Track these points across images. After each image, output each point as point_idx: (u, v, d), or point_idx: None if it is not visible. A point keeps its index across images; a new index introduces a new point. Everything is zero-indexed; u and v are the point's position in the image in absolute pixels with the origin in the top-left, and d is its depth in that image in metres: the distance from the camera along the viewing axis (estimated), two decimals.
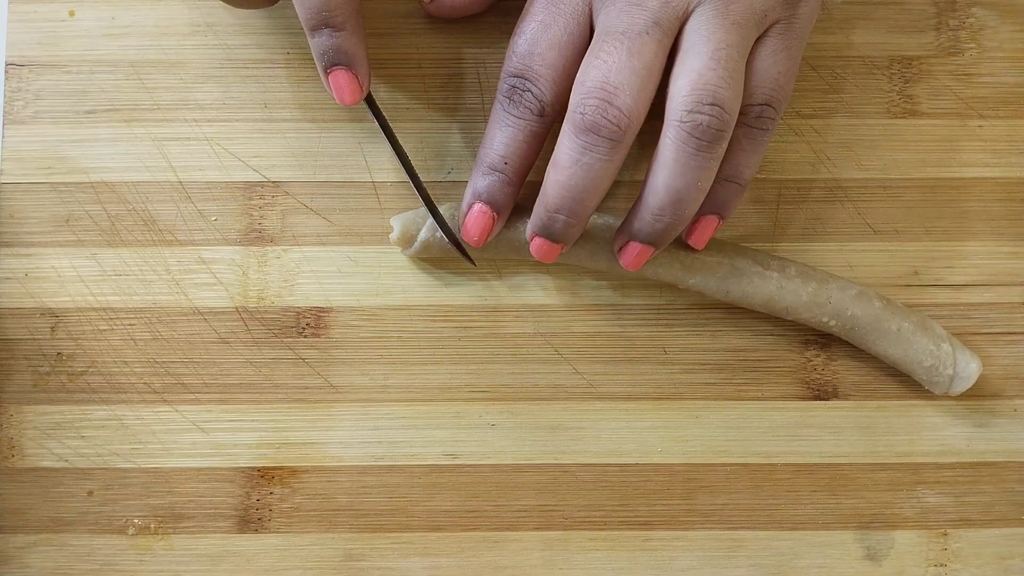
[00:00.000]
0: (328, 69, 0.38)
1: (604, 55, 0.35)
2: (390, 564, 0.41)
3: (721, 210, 0.38)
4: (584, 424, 0.42)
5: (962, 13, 0.43)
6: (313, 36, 0.37)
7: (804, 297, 0.40)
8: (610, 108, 0.35)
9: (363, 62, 0.38)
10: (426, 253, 0.41)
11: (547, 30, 0.37)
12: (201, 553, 0.41)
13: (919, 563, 0.42)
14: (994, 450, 0.42)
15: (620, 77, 0.35)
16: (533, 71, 0.37)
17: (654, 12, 0.36)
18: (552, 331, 0.42)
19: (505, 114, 0.38)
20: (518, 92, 0.37)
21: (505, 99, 0.38)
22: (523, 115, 0.37)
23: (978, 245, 0.42)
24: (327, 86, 0.38)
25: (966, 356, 0.40)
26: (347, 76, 0.38)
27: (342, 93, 0.38)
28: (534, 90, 0.37)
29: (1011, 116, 0.43)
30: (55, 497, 0.41)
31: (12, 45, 0.42)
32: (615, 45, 0.35)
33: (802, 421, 0.42)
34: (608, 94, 0.35)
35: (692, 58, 0.35)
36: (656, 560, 0.42)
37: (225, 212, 0.42)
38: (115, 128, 0.42)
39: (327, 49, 0.37)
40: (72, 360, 0.41)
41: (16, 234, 0.42)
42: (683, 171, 0.36)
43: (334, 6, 0.37)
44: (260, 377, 0.42)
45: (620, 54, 0.35)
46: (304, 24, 0.37)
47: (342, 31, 0.37)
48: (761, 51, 0.37)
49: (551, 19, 0.37)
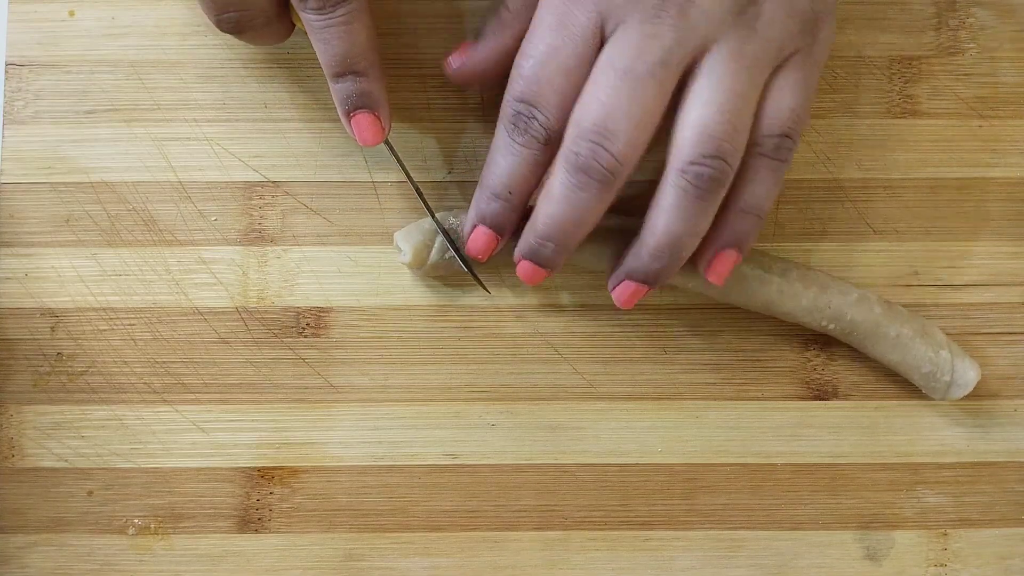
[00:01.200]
0: (351, 113, 0.38)
1: (603, 95, 0.35)
2: (390, 564, 0.41)
3: (740, 244, 0.38)
4: (584, 424, 0.42)
5: (962, 13, 0.43)
6: (336, 82, 0.37)
7: (804, 302, 0.40)
8: (604, 153, 0.35)
9: (385, 104, 0.38)
10: (434, 273, 0.41)
11: (556, 54, 0.36)
12: (201, 553, 0.41)
13: (919, 563, 0.42)
14: (994, 450, 0.42)
15: (617, 123, 0.34)
16: (541, 96, 0.36)
17: (665, 50, 0.34)
18: (552, 331, 0.42)
19: (510, 141, 0.37)
20: (524, 118, 0.36)
21: (510, 124, 0.37)
22: (528, 144, 0.36)
23: (978, 245, 0.42)
24: (349, 129, 0.38)
25: (965, 364, 0.40)
26: (370, 119, 0.38)
27: (365, 135, 0.38)
28: (540, 117, 0.36)
29: (1011, 116, 0.43)
30: (55, 497, 0.41)
31: (12, 45, 0.42)
32: (616, 85, 0.34)
33: (802, 421, 0.42)
34: (603, 138, 0.35)
35: (700, 107, 0.35)
36: (656, 560, 0.42)
37: (225, 212, 0.42)
38: (115, 128, 0.42)
39: (350, 94, 0.37)
40: (72, 360, 0.41)
41: (16, 234, 0.42)
42: (682, 217, 0.36)
43: (358, 53, 0.37)
44: (260, 377, 0.42)
45: (621, 97, 0.34)
46: (327, 70, 0.37)
47: (365, 76, 0.37)
48: (779, 82, 0.36)
49: (560, 42, 0.36)
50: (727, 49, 0.35)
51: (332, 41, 0.36)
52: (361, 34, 0.37)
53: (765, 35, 0.35)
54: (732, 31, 0.35)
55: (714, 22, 0.35)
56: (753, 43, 0.35)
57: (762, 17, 0.35)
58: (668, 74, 0.35)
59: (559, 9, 0.36)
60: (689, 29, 0.34)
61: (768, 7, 0.35)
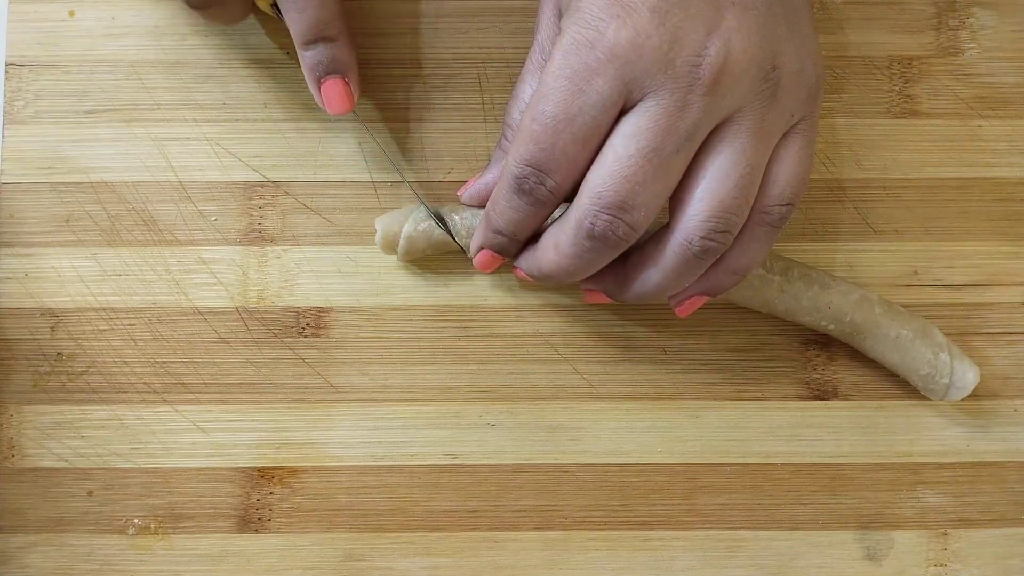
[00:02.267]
0: (321, 79, 0.38)
1: (628, 171, 0.33)
2: (390, 564, 0.41)
3: (717, 292, 0.38)
4: (584, 424, 0.42)
5: (962, 13, 0.43)
6: (307, 50, 0.38)
7: (804, 301, 0.40)
8: (622, 225, 0.34)
9: (355, 71, 0.39)
10: (415, 250, 0.41)
11: (571, 123, 0.33)
12: (201, 553, 0.41)
13: (919, 563, 0.42)
14: (994, 450, 0.42)
15: (638, 197, 0.33)
16: (552, 163, 0.34)
17: (693, 124, 0.33)
18: (552, 331, 0.42)
19: (516, 199, 0.36)
20: (531, 183, 0.35)
21: (515, 184, 0.35)
22: (535, 204, 0.36)
23: (978, 245, 0.42)
24: (318, 98, 0.39)
25: (964, 366, 0.40)
26: (341, 84, 0.38)
27: (334, 103, 0.39)
28: (549, 183, 0.35)
29: (1011, 116, 0.43)
30: (55, 497, 0.41)
31: (12, 45, 0.42)
32: (642, 164, 0.33)
33: (802, 421, 0.42)
34: (623, 212, 0.34)
35: (717, 180, 0.34)
36: (656, 560, 0.42)
37: (225, 212, 0.42)
38: (115, 128, 0.42)
39: (321, 60, 0.38)
40: (72, 360, 0.41)
41: (16, 234, 0.42)
42: (678, 278, 0.36)
43: (330, 20, 0.37)
44: (260, 377, 0.42)
45: (646, 175, 0.33)
46: (298, 39, 0.38)
47: (335, 42, 0.38)
48: (787, 151, 0.35)
49: (576, 110, 0.33)
50: (750, 120, 0.34)
51: (307, 9, 0.37)
52: (331, 1, 0.37)
53: (782, 105, 0.35)
54: (755, 101, 0.34)
55: (741, 92, 0.34)
56: (772, 113, 0.34)
57: (780, 87, 0.34)
58: (693, 146, 0.34)
59: (578, 73, 0.33)
60: (718, 99, 0.33)
61: (785, 77, 0.34)
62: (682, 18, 0.33)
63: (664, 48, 0.33)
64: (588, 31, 0.33)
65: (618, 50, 0.33)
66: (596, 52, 0.33)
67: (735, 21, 0.33)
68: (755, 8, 0.34)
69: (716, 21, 0.33)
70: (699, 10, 0.33)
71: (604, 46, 0.33)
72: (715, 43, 0.33)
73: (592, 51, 0.33)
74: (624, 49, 0.33)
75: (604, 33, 0.33)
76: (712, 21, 0.33)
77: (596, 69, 0.33)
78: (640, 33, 0.33)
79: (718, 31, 0.33)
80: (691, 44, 0.33)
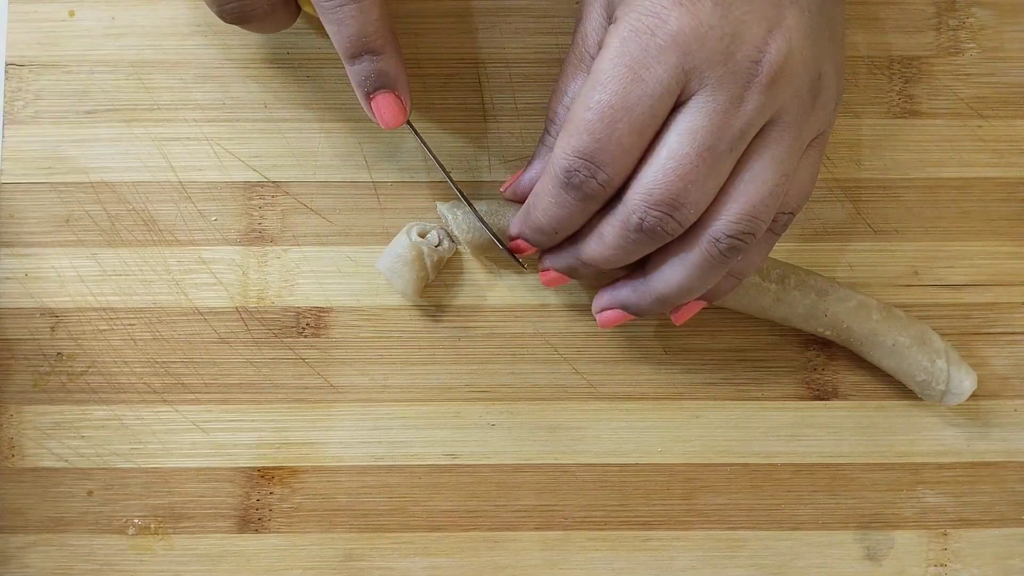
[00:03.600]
0: (371, 95, 0.37)
1: (681, 169, 0.33)
2: (390, 564, 0.41)
3: (712, 297, 0.38)
4: (584, 424, 0.42)
5: (962, 13, 0.43)
6: (353, 64, 0.36)
7: (800, 310, 0.40)
8: (672, 221, 0.33)
9: (405, 83, 0.37)
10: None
11: (628, 112, 0.32)
12: (201, 553, 0.41)
13: (919, 563, 0.42)
14: (994, 450, 0.42)
15: (689, 196, 0.33)
16: (605, 155, 0.33)
17: (746, 122, 0.33)
18: (552, 331, 0.42)
19: (562, 193, 0.35)
20: (581, 176, 0.34)
21: (563, 177, 0.34)
22: (581, 199, 0.34)
23: (978, 245, 0.42)
24: (369, 112, 0.37)
25: (961, 373, 0.40)
26: (391, 99, 0.37)
27: (386, 117, 0.37)
28: (601, 176, 0.34)
29: (1011, 116, 0.43)
30: (55, 497, 0.41)
31: (12, 45, 0.42)
32: (696, 163, 0.33)
33: (802, 421, 0.42)
34: (674, 210, 0.33)
35: (754, 184, 0.34)
36: (656, 560, 0.42)
37: (225, 212, 0.42)
38: (115, 128, 0.42)
39: (369, 75, 0.36)
40: (72, 360, 0.41)
41: (16, 234, 0.42)
42: (701, 278, 0.35)
43: (373, 32, 0.35)
44: (260, 377, 0.42)
45: (699, 174, 0.33)
46: (342, 53, 0.36)
47: (382, 55, 0.36)
48: (803, 162, 0.35)
49: (634, 98, 0.32)
50: (791, 126, 0.34)
51: (345, 21, 0.35)
52: (373, 11, 0.35)
53: (816, 115, 0.34)
54: (798, 107, 0.34)
55: (789, 94, 0.33)
56: (809, 122, 0.34)
57: (819, 96, 0.34)
58: (744, 145, 0.33)
59: (637, 60, 0.32)
60: (771, 98, 0.33)
61: (825, 87, 0.34)
62: (745, 12, 0.32)
63: (726, 40, 0.32)
64: (649, 18, 0.32)
65: (680, 38, 0.32)
66: (657, 39, 0.32)
67: (794, 21, 0.33)
68: (810, 12, 0.33)
69: (778, 19, 0.33)
70: (761, 6, 0.33)
71: (666, 33, 0.32)
72: (776, 41, 0.32)
73: (653, 38, 0.32)
74: (686, 37, 0.32)
75: (666, 20, 0.32)
76: (774, 19, 0.33)
77: (656, 56, 0.32)
78: (703, 23, 0.32)
79: (779, 29, 0.33)
80: (752, 39, 0.32)
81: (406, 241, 0.40)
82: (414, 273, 0.40)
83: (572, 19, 0.42)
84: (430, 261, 0.40)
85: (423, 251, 0.40)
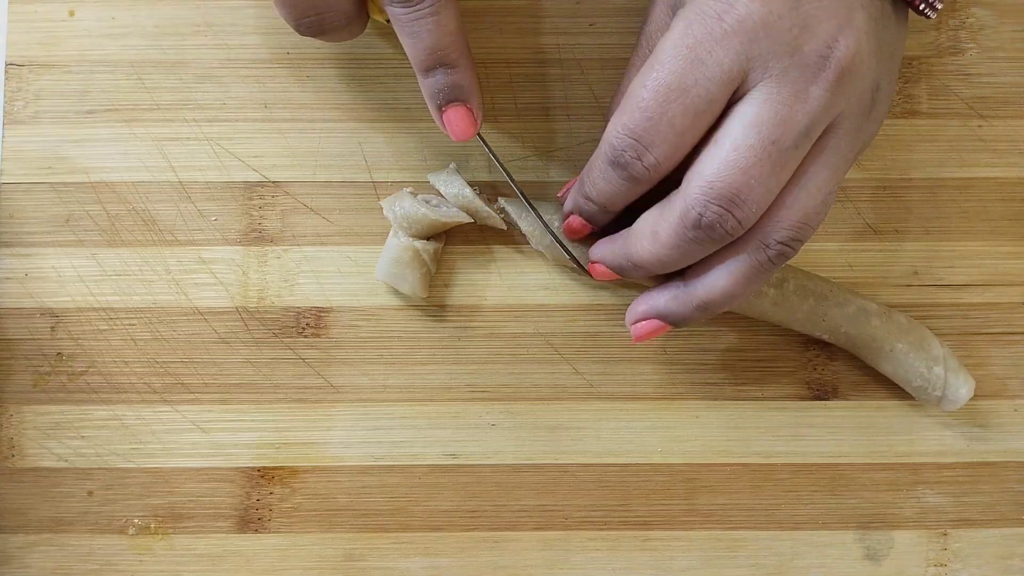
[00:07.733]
0: (443, 108, 0.36)
1: (745, 162, 0.32)
2: (390, 564, 0.41)
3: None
4: (584, 424, 0.42)
5: (962, 13, 0.43)
6: (426, 76, 0.36)
7: (799, 315, 0.40)
8: (731, 219, 0.32)
9: (477, 96, 0.37)
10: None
11: (684, 93, 0.32)
12: (201, 553, 0.41)
13: (919, 563, 0.42)
14: (994, 450, 0.42)
15: (752, 192, 0.32)
16: (657, 135, 0.32)
17: (812, 117, 0.32)
18: (552, 331, 0.42)
19: (610, 171, 0.34)
20: (629, 156, 0.33)
21: (611, 155, 0.34)
22: (628, 180, 0.34)
23: (978, 245, 0.42)
24: (440, 124, 0.37)
25: (958, 380, 0.40)
26: (463, 112, 0.36)
27: (458, 130, 0.37)
28: (649, 159, 0.33)
29: (1011, 116, 0.43)
30: (55, 497, 0.41)
31: (12, 45, 0.42)
32: (760, 157, 0.32)
33: (802, 421, 0.42)
34: (735, 206, 0.32)
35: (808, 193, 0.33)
36: (656, 560, 0.42)
37: (225, 212, 0.42)
38: (115, 128, 0.42)
39: (442, 87, 0.36)
40: (72, 360, 0.41)
41: (16, 234, 0.42)
42: (747, 285, 0.35)
43: (448, 45, 0.35)
44: (260, 377, 0.42)
45: (763, 169, 0.32)
46: (417, 65, 0.36)
47: (456, 67, 0.36)
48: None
49: (692, 80, 0.32)
50: (850, 133, 0.33)
51: (421, 34, 0.35)
52: (450, 24, 0.35)
53: (868, 127, 0.34)
54: (857, 114, 0.33)
55: (852, 98, 0.33)
56: (864, 130, 0.34)
57: (875, 106, 0.34)
58: (808, 144, 0.33)
59: (700, 42, 0.32)
60: (836, 97, 0.32)
61: (880, 98, 0.34)
62: (816, 7, 0.32)
63: (795, 32, 0.32)
64: (718, 3, 0.32)
65: (748, 23, 0.31)
66: (723, 23, 0.32)
67: (863, 24, 0.32)
68: (879, 20, 0.33)
69: (848, 18, 0.32)
70: (833, 3, 0.32)
71: (733, 17, 0.32)
72: (846, 38, 0.32)
73: (719, 22, 0.32)
74: (754, 23, 0.31)
75: (734, 5, 0.32)
76: (845, 17, 0.32)
77: (720, 39, 0.32)
78: (772, 12, 0.31)
79: (850, 27, 0.32)
80: (822, 34, 0.32)
81: (397, 243, 0.40)
82: (416, 272, 0.40)
83: (572, 19, 0.42)
84: (427, 255, 0.40)
85: (417, 248, 0.40)
